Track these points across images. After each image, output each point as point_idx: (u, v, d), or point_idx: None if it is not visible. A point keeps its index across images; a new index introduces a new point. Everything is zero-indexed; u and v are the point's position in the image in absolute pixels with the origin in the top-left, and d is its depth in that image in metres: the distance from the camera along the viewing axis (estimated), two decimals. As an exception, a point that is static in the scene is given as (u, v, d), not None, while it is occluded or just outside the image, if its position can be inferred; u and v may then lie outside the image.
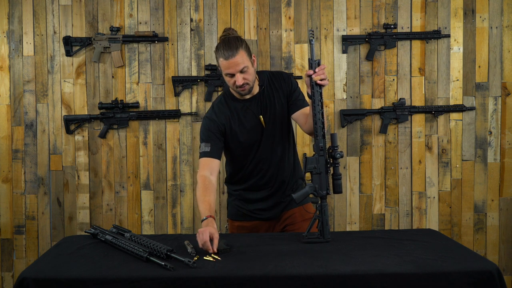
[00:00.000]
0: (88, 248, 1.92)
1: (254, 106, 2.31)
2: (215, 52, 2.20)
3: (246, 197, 2.43)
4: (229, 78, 2.18)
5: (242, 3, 3.34)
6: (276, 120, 2.33)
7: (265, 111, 2.30)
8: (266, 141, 2.33)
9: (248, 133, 2.31)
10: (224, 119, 2.30)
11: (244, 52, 2.16)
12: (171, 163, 3.37)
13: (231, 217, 2.51)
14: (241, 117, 2.31)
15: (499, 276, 1.65)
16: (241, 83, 2.16)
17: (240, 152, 2.35)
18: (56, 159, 3.37)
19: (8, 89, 3.37)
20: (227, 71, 2.15)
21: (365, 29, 3.34)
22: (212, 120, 2.30)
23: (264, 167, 2.34)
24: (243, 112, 2.31)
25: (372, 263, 1.71)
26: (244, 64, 2.14)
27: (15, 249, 3.40)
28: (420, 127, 3.36)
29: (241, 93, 2.23)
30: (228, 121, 2.30)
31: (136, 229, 3.38)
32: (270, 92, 2.34)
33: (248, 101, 2.31)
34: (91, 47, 3.34)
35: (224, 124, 2.30)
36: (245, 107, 2.31)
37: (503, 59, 3.34)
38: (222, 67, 2.16)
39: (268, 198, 2.40)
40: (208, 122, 2.31)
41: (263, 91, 2.32)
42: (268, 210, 2.41)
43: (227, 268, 1.68)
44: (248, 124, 2.31)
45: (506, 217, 3.38)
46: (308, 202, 2.44)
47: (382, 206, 3.37)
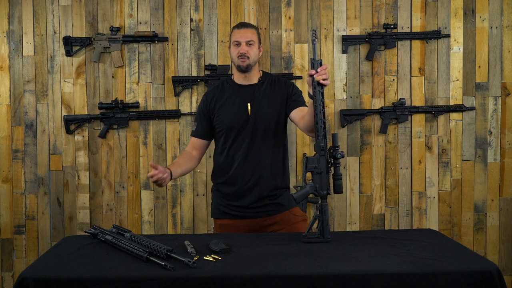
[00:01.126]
0: (88, 248, 1.92)
1: (246, 93, 2.44)
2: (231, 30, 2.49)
3: (224, 191, 2.46)
4: (235, 48, 2.41)
5: (242, 3, 3.34)
6: (264, 115, 2.40)
7: (254, 102, 2.41)
8: (249, 130, 2.39)
9: (231, 115, 2.42)
10: (213, 100, 2.46)
11: (256, 33, 2.44)
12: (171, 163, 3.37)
13: (213, 215, 2.55)
14: (231, 99, 2.44)
15: (499, 276, 1.65)
16: (244, 52, 2.36)
17: (223, 134, 2.43)
18: (56, 159, 3.37)
19: (8, 89, 3.37)
20: (235, 39, 2.39)
21: (365, 29, 3.34)
22: (203, 101, 2.51)
23: (243, 158, 2.38)
24: (234, 95, 2.44)
25: (372, 263, 1.71)
26: (252, 39, 2.40)
27: (15, 249, 3.40)
28: (420, 127, 3.36)
29: (241, 65, 2.40)
30: (215, 101, 2.46)
31: (136, 229, 3.38)
32: (267, 90, 2.45)
33: (243, 87, 2.45)
34: (91, 47, 3.34)
35: (211, 106, 2.46)
36: (238, 91, 2.45)
37: (503, 59, 3.34)
38: (232, 37, 2.42)
39: (244, 193, 2.41)
40: (201, 103, 2.53)
41: (260, 84, 2.45)
42: (244, 208, 2.42)
43: (227, 268, 1.68)
44: (234, 107, 2.42)
45: (506, 217, 3.38)
46: (295, 206, 2.46)
47: (382, 206, 3.37)
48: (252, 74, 2.45)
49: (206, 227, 3.38)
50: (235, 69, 2.47)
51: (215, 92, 2.49)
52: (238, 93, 2.44)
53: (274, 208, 2.44)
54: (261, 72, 2.52)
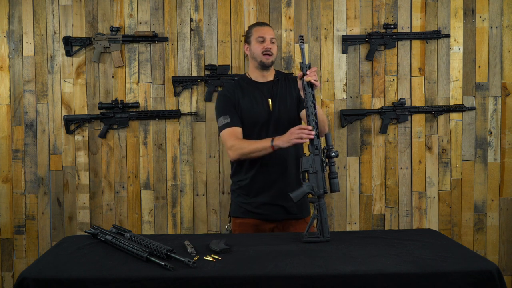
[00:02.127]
0: (88, 248, 1.92)
1: (265, 90, 2.50)
2: (248, 28, 2.60)
3: (247, 187, 2.46)
4: (258, 44, 2.48)
5: (242, 3, 3.34)
6: (284, 110, 2.47)
7: (274, 97, 2.48)
8: (273, 125, 2.44)
9: (255, 112, 2.45)
10: (235, 95, 2.48)
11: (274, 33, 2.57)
12: (171, 163, 3.37)
13: (233, 214, 2.54)
14: (251, 96, 2.48)
15: (499, 276, 1.65)
16: (270, 47, 2.46)
17: (248, 132, 2.44)
18: (56, 159, 3.37)
19: (8, 89, 3.37)
20: (260, 34, 2.48)
21: (365, 29, 3.34)
22: (225, 95, 2.50)
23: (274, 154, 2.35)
24: (253, 92, 2.49)
25: (372, 263, 1.71)
26: (274, 36, 2.52)
27: (15, 249, 3.40)
28: (420, 127, 3.36)
29: (265, 62, 2.47)
30: (238, 97, 2.48)
31: (136, 229, 3.38)
32: (283, 86, 2.53)
33: (261, 84, 2.52)
34: (91, 47, 3.34)
35: (235, 99, 2.47)
36: (257, 88, 2.50)
37: (503, 59, 3.34)
38: (256, 32, 2.51)
39: (268, 188, 2.42)
40: (222, 98, 2.51)
41: (277, 81, 2.54)
42: (270, 205, 2.42)
43: (227, 268, 1.68)
44: (256, 104, 2.46)
45: (506, 217, 3.38)
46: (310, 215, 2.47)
47: (382, 206, 3.37)
48: (269, 71, 2.54)
49: (206, 227, 3.38)
50: (253, 66, 2.53)
51: (234, 88, 2.52)
52: (258, 90, 2.50)
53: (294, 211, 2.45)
54: (274, 71, 2.60)
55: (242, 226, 2.49)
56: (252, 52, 2.51)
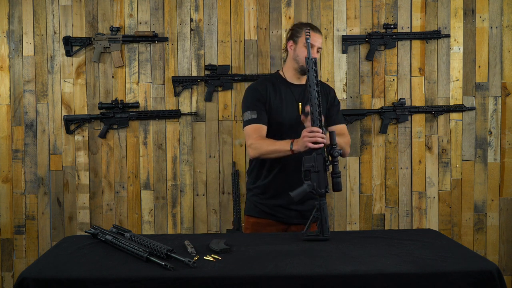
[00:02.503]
0: (88, 248, 1.92)
1: (296, 93, 2.45)
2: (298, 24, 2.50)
3: (267, 189, 2.44)
4: (304, 49, 2.37)
5: (242, 3, 3.34)
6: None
7: (305, 101, 2.40)
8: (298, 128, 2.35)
9: (284, 113, 2.41)
10: (267, 91, 2.42)
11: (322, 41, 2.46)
12: (171, 163, 3.37)
13: (248, 212, 2.54)
14: (282, 96, 2.42)
15: (499, 276, 1.65)
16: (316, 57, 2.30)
17: (274, 133, 2.39)
18: (56, 159, 3.37)
19: (8, 89, 3.37)
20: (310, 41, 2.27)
21: (365, 29, 3.34)
22: (256, 89, 2.43)
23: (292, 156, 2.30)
24: (285, 93, 2.43)
25: (372, 263, 1.71)
26: (321, 45, 2.43)
27: (15, 249, 3.40)
28: (420, 127, 3.36)
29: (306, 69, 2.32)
30: (269, 94, 2.41)
31: (136, 229, 3.38)
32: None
33: (294, 86, 2.46)
34: (91, 47, 3.34)
35: (267, 96, 2.41)
36: (289, 90, 2.45)
37: (503, 59, 3.34)
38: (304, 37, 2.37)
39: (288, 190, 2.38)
40: (252, 92, 2.44)
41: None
42: (285, 208, 2.42)
43: (227, 268, 1.68)
44: (286, 105, 2.42)
45: (506, 217, 3.38)
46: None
47: (382, 206, 3.37)
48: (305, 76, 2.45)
49: (206, 227, 3.38)
50: (292, 66, 2.47)
51: (267, 86, 2.45)
52: (290, 91, 2.45)
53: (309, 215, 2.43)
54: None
55: (255, 225, 2.48)
56: (296, 54, 2.43)
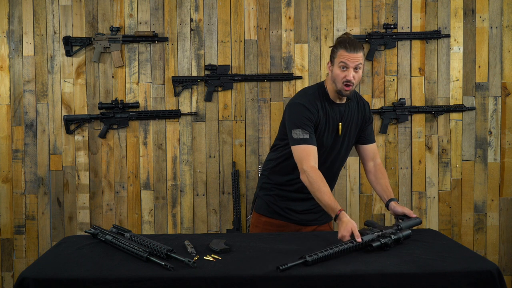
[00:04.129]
0: (88, 248, 1.92)
1: (337, 112, 2.34)
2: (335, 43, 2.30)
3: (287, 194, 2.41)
4: (340, 71, 2.22)
5: (242, 3, 3.34)
6: (349, 134, 2.39)
7: (344, 121, 2.35)
8: (334, 149, 2.37)
9: (328, 134, 2.33)
10: (318, 112, 2.30)
11: (363, 56, 2.25)
12: (171, 163, 3.37)
13: (260, 211, 2.48)
14: (328, 116, 2.32)
15: (499, 276, 1.65)
16: (351, 79, 2.20)
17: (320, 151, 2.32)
18: (56, 159, 3.37)
19: (8, 89, 3.37)
20: (345, 61, 2.20)
21: (365, 29, 3.34)
22: (308, 109, 2.28)
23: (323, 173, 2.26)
24: (330, 113, 2.33)
25: (372, 263, 1.71)
26: (361, 62, 2.22)
27: (15, 249, 3.40)
28: (420, 127, 3.36)
29: (344, 91, 2.24)
30: (319, 114, 2.30)
31: (136, 229, 3.38)
32: (354, 108, 2.39)
33: (337, 106, 2.34)
34: (91, 47, 3.34)
35: (317, 117, 2.29)
36: (333, 110, 2.33)
37: (503, 59, 3.34)
38: (340, 57, 2.22)
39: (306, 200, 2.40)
40: (303, 109, 2.28)
41: (349, 103, 2.37)
42: (299, 213, 2.42)
43: (227, 268, 1.68)
44: (329, 126, 2.33)
45: (506, 217, 3.38)
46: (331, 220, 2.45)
47: (382, 206, 3.37)
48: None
49: (206, 227, 3.38)
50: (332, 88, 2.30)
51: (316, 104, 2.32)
52: (333, 111, 2.34)
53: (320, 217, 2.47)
54: None
55: (267, 225, 2.45)
56: (333, 77, 2.26)
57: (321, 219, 2.47)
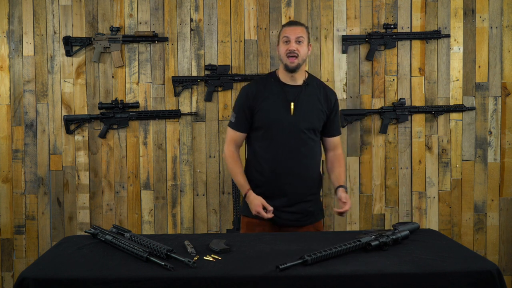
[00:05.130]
0: (88, 248, 1.92)
1: (290, 93, 2.40)
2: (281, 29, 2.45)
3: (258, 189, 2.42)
4: (284, 45, 2.36)
5: (242, 3, 3.34)
6: (306, 116, 2.39)
7: (298, 102, 2.38)
8: (289, 129, 2.36)
9: (275, 114, 2.38)
10: (256, 92, 2.41)
11: (306, 32, 2.39)
12: (171, 163, 3.37)
13: (243, 212, 2.53)
14: (274, 96, 2.40)
15: (499, 276, 1.65)
16: (293, 49, 2.32)
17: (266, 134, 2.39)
18: (56, 159, 3.37)
19: (8, 89, 3.37)
20: (285, 34, 2.36)
21: (365, 29, 3.34)
22: (247, 93, 2.43)
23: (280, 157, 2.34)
24: (279, 92, 2.40)
25: (372, 263, 1.71)
26: (302, 35, 2.35)
27: (15, 249, 3.40)
28: (420, 127, 3.36)
29: (289, 66, 2.35)
30: (259, 95, 2.40)
31: (136, 229, 3.38)
32: (312, 92, 2.43)
33: (288, 87, 2.41)
34: (91, 47, 3.34)
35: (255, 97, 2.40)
36: (283, 90, 2.40)
37: (503, 59, 3.34)
38: (282, 33, 2.39)
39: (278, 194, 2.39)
40: (243, 94, 2.46)
41: (305, 86, 2.42)
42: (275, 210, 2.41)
43: (227, 268, 1.68)
44: (277, 105, 2.38)
45: (506, 217, 3.38)
46: (320, 220, 2.45)
47: (382, 206, 3.37)
48: (298, 74, 2.41)
49: (206, 227, 3.38)
50: (281, 67, 2.42)
51: (258, 87, 2.44)
52: (283, 91, 2.40)
53: (302, 218, 2.43)
54: (306, 74, 2.48)
55: (249, 225, 2.47)
56: (279, 54, 2.39)
57: (302, 220, 2.43)
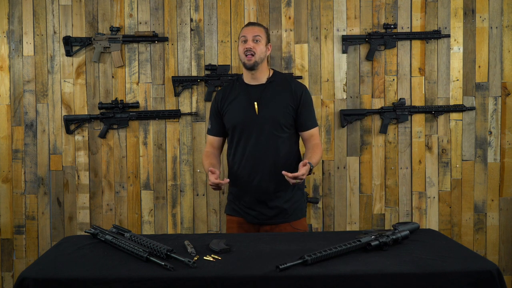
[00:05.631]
0: (88, 248, 1.92)
1: (254, 93, 2.43)
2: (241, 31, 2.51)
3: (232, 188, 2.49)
4: (241, 44, 2.42)
5: (242, 3, 3.34)
6: (270, 114, 2.40)
7: (262, 100, 2.41)
8: (255, 129, 2.39)
9: (239, 115, 2.43)
10: (224, 99, 2.49)
11: (264, 32, 2.44)
12: (171, 163, 3.37)
13: (226, 211, 2.58)
14: (238, 97, 2.45)
15: (499, 276, 1.65)
16: (250, 47, 2.37)
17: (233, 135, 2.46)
18: (56, 159, 3.37)
19: (8, 89, 3.37)
20: (243, 34, 2.41)
21: (365, 29, 3.34)
22: (215, 99, 2.54)
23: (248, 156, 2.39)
24: (242, 94, 2.45)
25: (372, 263, 1.71)
26: (259, 34, 2.40)
27: (15, 249, 3.40)
28: (420, 127, 3.36)
29: (247, 64, 2.39)
30: (225, 99, 2.48)
31: (136, 229, 3.38)
32: (277, 89, 2.44)
33: (250, 87, 2.45)
34: (91, 47, 3.34)
35: (222, 104, 2.49)
36: (246, 91, 2.45)
37: (503, 59, 3.34)
38: (241, 33, 2.44)
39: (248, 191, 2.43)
40: (213, 101, 2.56)
41: (269, 83, 2.45)
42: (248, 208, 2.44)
43: (227, 268, 1.68)
44: (241, 106, 2.43)
45: (506, 217, 3.38)
46: (299, 219, 2.45)
47: (382, 206, 3.37)
48: (259, 72, 2.44)
49: (206, 227, 3.38)
50: (243, 67, 2.45)
51: (225, 91, 2.51)
52: (246, 92, 2.44)
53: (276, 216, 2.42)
54: (271, 71, 2.50)
55: (229, 223, 2.52)
56: (239, 54, 2.44)
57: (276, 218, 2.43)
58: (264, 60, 2.43)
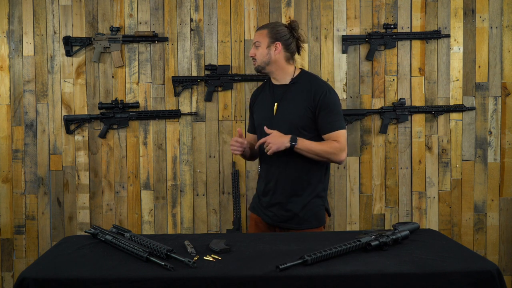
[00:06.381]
0: (88, 248, 1.92)
1: (277, 93, 2.44)
2: None
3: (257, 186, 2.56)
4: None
5: (242, 3, 3.34)
6: (286, 116, 2.37)
7: (282, 102, 2.40)
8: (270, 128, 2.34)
9: (259, 114, 2.49)
10: (255, 96, 2.57)
11: (267, 33, 2.40)
12: (171, 163, 3.37)
13: (249, 207, 2.62)
14: (265, 98, 2.48)
15: (499, 276, 1.65)
16: (252, 54, 2.43)
17: (257, 134, 2.51)
18: (56, 159, 3.37)
19: (8, 89, 3.37)
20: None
21: (365, 29, 3.34)
22: (251, 97, 2.62)
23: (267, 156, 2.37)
24: (269, 95, 2.47)
25: (372, 263, 1.71)
26: (258, 40, 2.41)
27: (15, 249, 3.40)
28: (420, 127, 3.36)
29: (254, 68, 2.47)
30: (255, 97, 2.56)
31: (136, 229, 3.38)
32: (299, 89, 2.38)
33: (275, 87, 2.47)
34: (91, 47, 3.34)
35: (253, 100, 2.57)
36: (272, 91, 2.47)
37: (503, 59, 3.34)
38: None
39: (267, 192, 2.44)
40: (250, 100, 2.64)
41: (292, 84, 2.42)
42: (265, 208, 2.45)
43: (227, 268, 1.68)
44: (264, 106, 2.47)
45: (506, 217, 3.38)
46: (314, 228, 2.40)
47: (382, 206, 3.37)
48: (276, 73, 2.42)
49: (206, 227, 3.38)
50: None
51: (258, 90, 2.59)
52: (272, 93, 2.45)
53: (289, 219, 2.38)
54: (297, 71, 2.44)
55: (250, 220, 2.57)
56: None
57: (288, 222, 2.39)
58: (270, 62, 2.39)
